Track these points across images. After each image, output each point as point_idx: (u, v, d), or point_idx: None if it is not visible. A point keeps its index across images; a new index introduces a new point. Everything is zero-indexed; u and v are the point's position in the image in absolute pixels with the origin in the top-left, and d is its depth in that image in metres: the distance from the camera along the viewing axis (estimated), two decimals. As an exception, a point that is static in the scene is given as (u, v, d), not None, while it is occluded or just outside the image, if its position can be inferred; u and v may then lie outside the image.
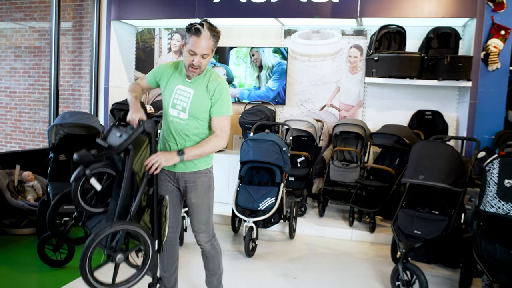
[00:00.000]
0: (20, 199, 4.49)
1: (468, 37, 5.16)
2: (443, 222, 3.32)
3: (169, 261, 2.86)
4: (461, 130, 5.24)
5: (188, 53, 2.48)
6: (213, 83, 2.60)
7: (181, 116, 2.59)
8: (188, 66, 2.51)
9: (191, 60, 2.48)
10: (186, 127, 2.59)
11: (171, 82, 2.63)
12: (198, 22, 2.50)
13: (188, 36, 2.48)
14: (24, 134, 7.49)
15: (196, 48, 2.45)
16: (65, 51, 6.94)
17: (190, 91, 2.58)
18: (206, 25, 2.47)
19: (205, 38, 2.45)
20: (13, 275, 3.41)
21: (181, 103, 2.58)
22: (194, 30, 2.45)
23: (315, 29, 5.88)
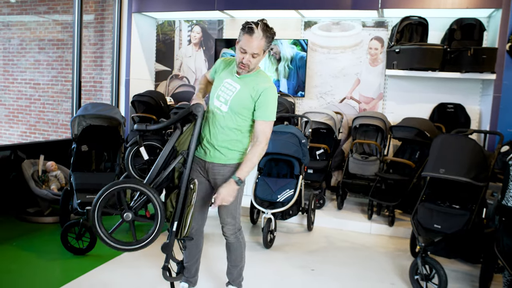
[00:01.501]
0: (44, 188, 4.59)
1: (493, 28, 5.04)
2: (464, 216, 3.28)
3: (191, 252, 2.90)
4: (484, 123, 5.14)
5: (239, 50, 2.54)
6: (261, 85, 2.59)
7: (222, 108, 2.63)
8: (238, 63, 2.57)
9: (241, 57, 2.53)
10: (223, 119, 2.63)
11: (222, 75, 2.71)
12: (254, 21, 2.52)
13: (241, 34, 2.52)
14: (48, 125, 7.65)
15: (247, 46, 2.49)
16: (87, 43, 7.04)
17: (236, 86, 2.62)
18: (261, 25, 2.49)
19: (257, 38, 2.48)
20: (37, 262, 3.51)
21: (225, 96, 2.63)
22: (247, 28, 2.49)
23: (335, 21, 5.83)
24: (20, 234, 4.14)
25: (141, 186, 2.47)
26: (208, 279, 3.32)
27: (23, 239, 4.00)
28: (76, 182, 3.90)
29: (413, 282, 3.27)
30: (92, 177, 4.10)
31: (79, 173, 4.08)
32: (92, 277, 3.29)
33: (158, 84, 6.80)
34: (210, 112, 2.69)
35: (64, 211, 4.12)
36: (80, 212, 3.74)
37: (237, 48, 2.56)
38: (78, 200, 3.78)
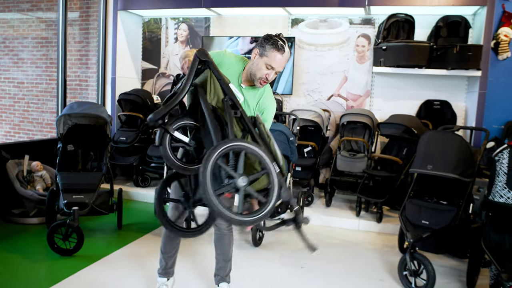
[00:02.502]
0: (29, 188, 4.52)
1: (478, 25, 5.10)
2: (451, 212, 3.31)
3: (172, 242, 2.87)
4: (469, 120, 5.20)
5: (264, 66, 2.39)
6: (266, 100, 2.56)
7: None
8: (259, 79, 2.43)
9: (265, 74, 2.41)
10: None
11: (224, 71, 2.43)
12: (279, 37, 2.40)
13: (269, 49, 2.37)
14: (32, 125, 7.54)
15: (276, 65, 2.39)
16: (72, 41, 6.95)
17: (240, 97, 2.49)
18: (287, 43, 2.41)
19: (286, 57, 2.41)
20: (23, 264, 3.45)
21: None
22: (279, 46, 2.37)
23: (322, 18, 5.83)
24: (5, 235, 4.07)
25: (252, 146, 2.06)
26: (197, 277, 3.30)
27: (8, 241, 3.94)
28: (62, 182, 3.85)
29: (402, 277, 3.30)
30: (78, 177, 4.05)
31: (65, 173, 4.03)
32: (80, 278, 3.24)
33: (144, 82, 6.74)
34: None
35: (50, 211, 4.06)
36: (67, 212, 3.69)
37: (260, 62, 2.40)
38: (64, 200, 3.74)
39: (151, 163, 5.58)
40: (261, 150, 2.07)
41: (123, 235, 4.21)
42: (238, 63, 2.54)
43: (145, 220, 4.74)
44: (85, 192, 3.85)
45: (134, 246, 3.93)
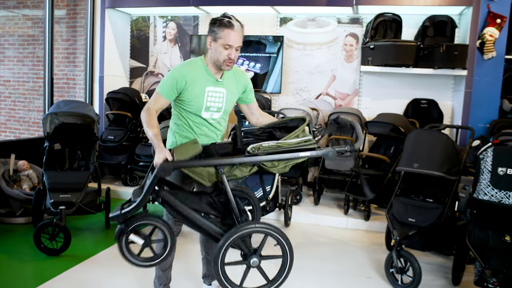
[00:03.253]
0: (15, 188, 4.48)
1: (464, 25, 5.16)
2: (437, 210, 3.35)
3: (170, 258, 2.85)
4: (456, 118, 5.26)
5: (222, 47, 2.41)
6: (241, 77, 2.65)
7: (214, 116, 2.57)
8: (224, 62, 2.44)
9: (226, 54, 2.42)
10: (217, 124, 2.62)
11: (197, 85, 2.48)
12: (221, 15, 2.43)
13: (219, 30, 2.40)
14: (19, 123, 7.46)
15: (231, 41, 2.40)
16: (59, 39, 6.88)
17: (222, 91, 2.55)
18: (233, 17, 2.43)
19: (238, 30, 2.41)
20: (9, 264, 3.43)
21: (215, 105, 2.54)
22: (227, 22, 2.38)
23: (311, 17, 5.85)
24: (-9, 235, 4.03)
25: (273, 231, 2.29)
26: (187, 278, 3.30)
27: (-6, 241, 3.90)
28: (49, 181, 3.82)
29: (389, 275, 3.33)
30: (65, 176, 4.03)
31: (52, 172, 4.00)
32: (67, 278, 3.22)
33: (133, 81, 6.71)
34: (197, 124, 2.56)
35: (37, 211, 4.02)
36: (54, 212, 3.66)
37: (217, 47, 2.42)
38: (51, 199, 3.71)
39: (140, 162, 5.55)
40: (280, 232, 2.28)
41: (111, 235, 4.19)
42: (200, 66, 2.52)
43: (133, 219, 4.71)
44: (72, 191, 3.82)
45: (122, 245, 3.91)
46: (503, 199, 2.87)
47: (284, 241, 2.30)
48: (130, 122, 5.82)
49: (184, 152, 2.27)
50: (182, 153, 2.26)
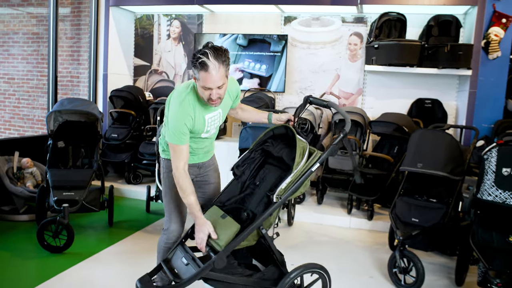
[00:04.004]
0: (19, 185, 4.49)
1: (469, 25, 5.13)
2: (440, 210, 3.34)
3: None
4: (460, 118, 5.24)
5: (202, 88, 2.28)
6: (232, 86, 2.57)
7: (211, 132, 2.58)
8: (208, 101, 2.32)
9: (208, 95, 2.28)
10: (213, 136, 2.64)
11: (198, 117, 2.41)
12: (200, 50, 2.23)
13: (196, 72, 2.24)
14: (23, 121, 7.48)
15: (208, 83, 2.23)
16: (63, 37, 6.89)
17: (218, 112, 2.52)
18: (211, 53, 2.19)
19: (215, 69, 2.20)
20: (12, 261, 3.44)
21: (214, 125, 2.55)
22: (199, 65, 2.19)
23: (315, 16, 5.84)
24: (-6, 232, 4.05)
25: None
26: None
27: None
28: (52, 179, 3.84)
29: (392, 275, 3.32)
30: (69, 173, 4.04)
31: (56, 169, 4.01)
32: (70, 275, 3.23)
33: (136, 79, 6.71)
34: (198, 141, 2.55)
35: (40, 208, 4.04)
36: (57, 209, 3.67)
37: (198, 87, 2.31)
38: (54, 197, 3.72)
39: (143, 160, 5.56)
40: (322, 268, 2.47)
41: (114, 233, 4.19)
42: (195, 101, 2.40)
43: (136, 217, 4.72)
44: (75, 189, 3.83)
45: (125, 243, 3.92)
46: (507, 200, 2.86)
47: (326, 276, 2.50)
48: (133, 120, 5.83)
49: (226, 232, 2.25)
50: (225, 233, 2.24)
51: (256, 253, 2.53)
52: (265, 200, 2.43)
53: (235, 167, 2.55)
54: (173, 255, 2.33)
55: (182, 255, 2.25)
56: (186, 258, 2.21)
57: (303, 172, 2.31)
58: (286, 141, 2.52)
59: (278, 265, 2.32)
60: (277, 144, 2.53)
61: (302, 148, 2.32)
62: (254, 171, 2.58)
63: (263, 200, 2.44)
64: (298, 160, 2.29)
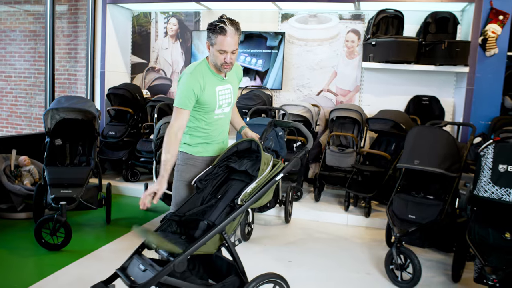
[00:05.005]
0: (17, 183, 4.49)
1: (466, 22, 5.13)
2: (437, 207, 3.35)
3: None
4: (457, 115, 5.25)
5: (218, 52, 2.51)
6: (238, 69, 2.84)
7: (225, 110, 2.72)
8: (221, 65, 2.55)
9: (222, 58, 2.52)
10: (228, 117, 2.80)
11: (208, 88, 2.58)
12: (217, 19, 2.50)
13: (213, 37, 2.49)
14: (21, 119, 7.47)
15: (225, 46, 2.48)
16: (60, 35, 6.88)
17: (229, 87, 2.70)
18: (228, 21, 2.48)
19: (231, 35, 2.48)
20: (10, 259, 3.44)
21: (226, 100, 2.69)
22: (219, 29, 2.46)
23: (312, 13, 5.83)
24: (-8, 230, 4.05)
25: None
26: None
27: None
28: (50, 177, 3.83)
29: (388, 271, 3.33)
30: (66, 171, 4.04)
31: (53, 167, 4.01)
32: (68, 272, 3.23)
33: (134, 76, 6.70)
34: (211, 123, 2.67)
35: (38, 206, 4.04)
36: (54, 207, 3.67)
37: (214, 51, 2.52)
38: (52, 195, 3.72)
39: (141, 158, 5.56)
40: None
41: (112, 230, 4.20)
42: (206, 69, 2.60)
43: (134, 214, 4.73)
44: (73, 186, 3.83)
45: (123, 240, 3.92)
46: (503, 196, 2.87)
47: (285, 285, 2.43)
48: (131, 118, 5.83)
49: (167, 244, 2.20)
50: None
51: (212, 273, 2.49)
52: (227, 210, 2.40)
53: (198, 180, 2.53)
54: (129, 264, 2.26)
55: (139, 262, 2.19)
56: (144, 265, 2.15)
57: (267, 180, 2.35)
58: (250, 156, 2.57)
59: (239, 274, 2.28)
60: (241, 160, 2.58)
61: (266, 158, 2.40)
62: (216, 186, 2.56)
63: (225, 211, 2.40)
64: (263, 168, 2.34)
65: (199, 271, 2.50)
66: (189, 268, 2.44)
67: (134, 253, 2.30)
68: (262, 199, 2.31)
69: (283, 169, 2.40)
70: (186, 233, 2.39)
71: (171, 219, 2.41)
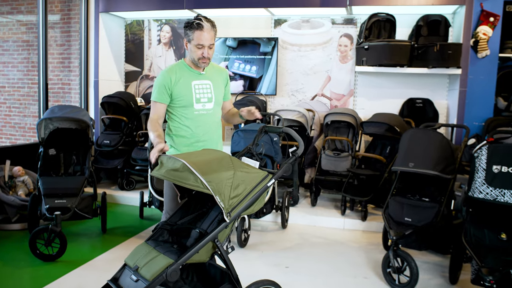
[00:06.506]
0: (11, 194, 4.46)
1: (458, 24, 5.17)
2: (433, 209, 3.35)
3: None
4: (451, 117, 5.27)
5: (196, 47, 2.67)
6: (222, 71, 2.95)
7: (207, 107, 2.79)
8: (198, 60, 2.71)
9: (200, 53, 2.68)
10: (213, 115, 2.85)
11: (183, 81, 2.75)
12: (193, 18, 2.67)
13: (190, 33, 2.66)
14: (15, 129, 7.44)
15: (202, 41, 2.64)
16: (53, 44, 6.87)
17: (208, 82, 2.81)
18: (204, 18, 2.65)
19: (207, 30, 2.65)
20: (5, 270, 3.41)
21: (205, 95, 2.79)
22: (196, 25, 2.63)
23: (305, 19, 5.86)
24: (-14, 242, 4.01)
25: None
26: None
27: (-10, 247, 3.88)
28: (44, 187, 3.82)
29: (386, 275, 3.32)
30: (60, 181, 4.02)
31: (47, 177, 3.99)
32: (63, 283, 3.20)
33: (128, 85, 6.70)
34: (193, 118, 2.78)
35: (32, 217, 4.01)
36: (49, 217, 3.65)
37: (191, 47, 2.69)
38: (46, 205, 3.70)
39: (136, 166, 5.54)
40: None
41: (108, 239, 4.17)
42: (182, 65, 2.80)
43: (130, 223, 4.70)
44: (67, 196, 3.81)
45: (119, 250, 3.90)
46: (498, 197, 2.87)
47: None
48: (125, 126, 5.81)
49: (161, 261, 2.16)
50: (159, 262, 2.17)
51: (205, 281, 2.47)
52: (219, 218, 2.36)
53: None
54: (121, 274, 2.24)
55: (131, 273, 2.16)
56: (136, 275, 2.12)
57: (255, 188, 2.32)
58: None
59: (233, 281, 2.27)
60: None
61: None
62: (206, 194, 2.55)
63: (217, 218, 2.38)
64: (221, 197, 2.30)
65: (192, 280, 2.48)
66: (182, 277, 2.42)
67: (125, 264, 2.27)
68: (254, 207, 2.27)
69: (275, 175, 2.35)
70: (178, 242, 2.37)
71: (162, 228, 2.39)
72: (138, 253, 2.22)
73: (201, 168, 2.07)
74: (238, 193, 2.18)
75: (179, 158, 2.13)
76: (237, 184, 2.17)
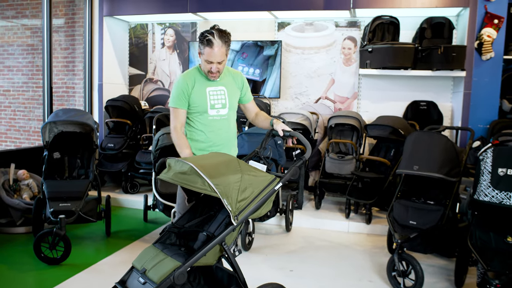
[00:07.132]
0: (15, 197, 4.47)
1: (462, 26, 5.16)
2: (438, 212, 3.33)
3: None
4: (455, 120, 5.25)
5: (205, 62, 2.72)
6: (237, 75, 2.95)
7: (221, 112, 2.83)
8: (207, 73, 2.77)
9: (209, 68, 2.73)
10: (228, 121, 2.89)
11: (198, 87, 2.79)
12: (208, 30, 2.67)
13: (202, 47, 2.70)
14: (19, 133, 7.47)
15: (211, 58, 2.68)
16: (58, 48, 6.90)
17: (222, 88, 2.85)
18: (216, 34, 2.65)
19: (218, 47, 2.66)
20: (10, 274, 3.41)
21: (219, 101, 2.83)
22: (206, 41, 2.65)
23: (308, 22, 5.86)
24: (-9, 245, 4.02)
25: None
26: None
27: (-5, 251, 3.89)
28: (48, 190, 3.82)
29: (391, 278, 3.31)
30: (65, 184, 4.02)
31: (52, 181, 3.99)
32: (68, 287, 3.20)
33: (132, 88, 6.71)
34: (206, 124, 2.83)
35: (37, 220, 4.02)
36: (54, 221, 3.65)
37: (202, 60, 2.74)
38: (51, 208, 3.71)
39: (140, 169, 5.55)
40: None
41: (112, 243, 4.17)
42: (197, 72, 2.84)
43: (134, 227, 4.70)
44: (72, 200, 3.82)
45: (123, 253, 3.90)
46: (504, 200, 2.86)
47: None
48: (129, 130, 5.82)
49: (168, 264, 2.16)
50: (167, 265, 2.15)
51: (213, 284, 2.45)
52: (226, 221, 2.35)
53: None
54: (129, 277, 2.25)
55: (139, 275, 2.16)
56: (143, 278, 2.12)
57: (262, 191, 2.30)
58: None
59: (240, 285, 2.25)
60: None
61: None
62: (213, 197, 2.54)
63: (225, 221, 2.36)
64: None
65: (199, 282, 2.48)
66: (190, 280, 2.41)
67: (132, 266, 2.27)
68: (261, 210, 2.27)
69: (282, 178, 2.34)
70: (186, 244, 2.37)
71: (170, 230, 2.39)
72: (145, 256, 2.22)
73: (208, 171, 2.07)
74: (246, 196, 2.17)
75: (187, 161, 2.12)
76: (244, 187, 2.17)
